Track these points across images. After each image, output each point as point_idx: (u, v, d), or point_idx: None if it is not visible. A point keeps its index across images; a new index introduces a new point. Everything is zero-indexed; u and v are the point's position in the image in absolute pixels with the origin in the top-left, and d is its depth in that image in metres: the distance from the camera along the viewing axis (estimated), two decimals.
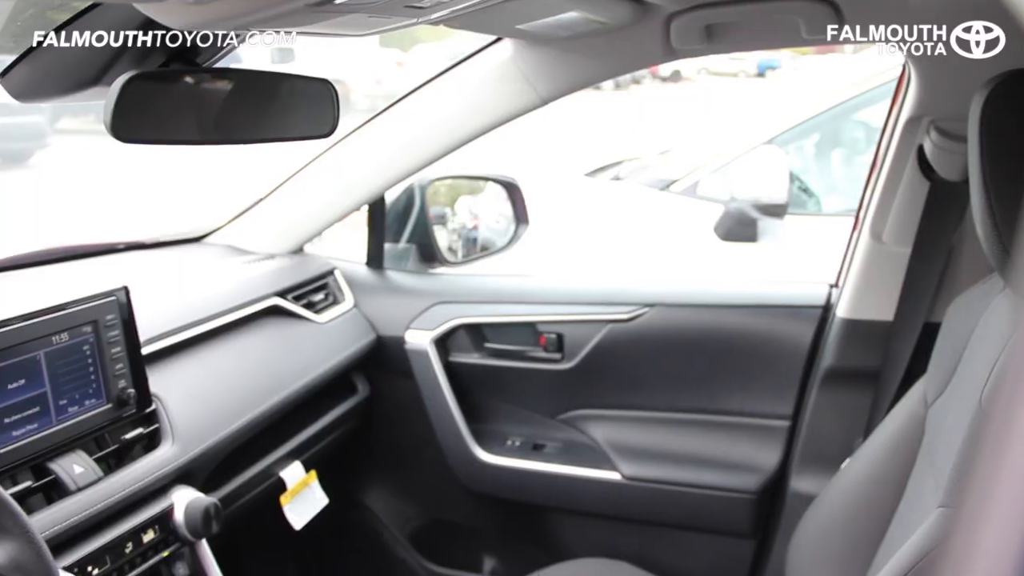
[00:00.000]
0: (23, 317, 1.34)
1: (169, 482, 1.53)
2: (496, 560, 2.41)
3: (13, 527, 1.02)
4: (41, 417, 1.36)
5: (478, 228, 2.66)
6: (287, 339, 2.03)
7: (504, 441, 2.26)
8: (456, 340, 2.26)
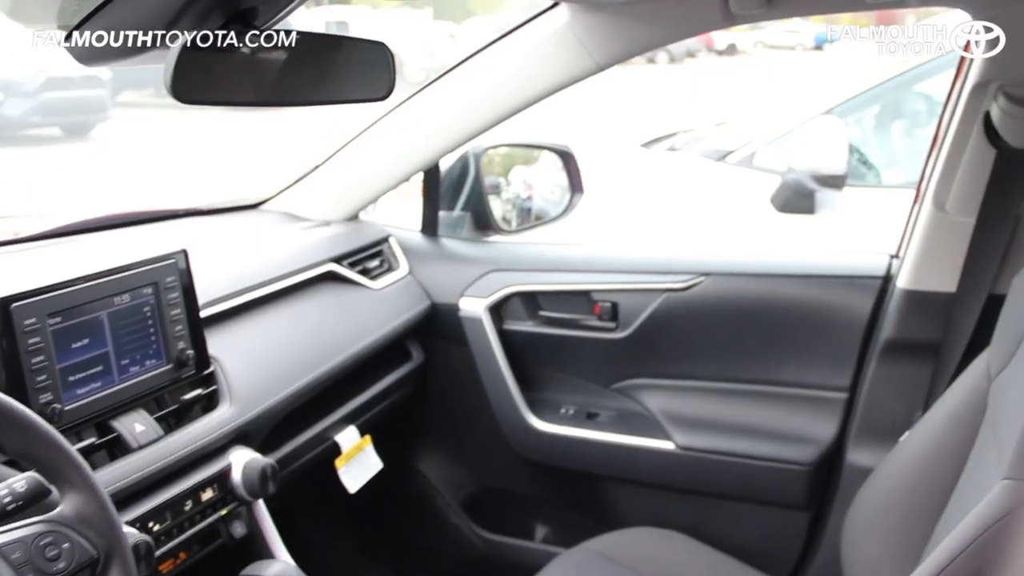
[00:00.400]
0: (86, 278, 1.37)
1: (227, 442, 1.56)
2: (548, 528, 2.42)
3: (78, 480, 1.04)
4: (104, 376, 1.39)
5: (532, 198, 2.65)
6: (342, 305, 2.05)
7: (558, 409, 2.26)
8: (510, 308, 2.26)
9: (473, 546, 2.43)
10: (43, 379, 1.28)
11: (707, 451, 2.11)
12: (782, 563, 2.12)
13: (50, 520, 1.01)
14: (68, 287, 1.34)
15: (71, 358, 1.34)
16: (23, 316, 1.26)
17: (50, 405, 1.28)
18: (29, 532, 0.99)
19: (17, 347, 1.25)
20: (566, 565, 1.91)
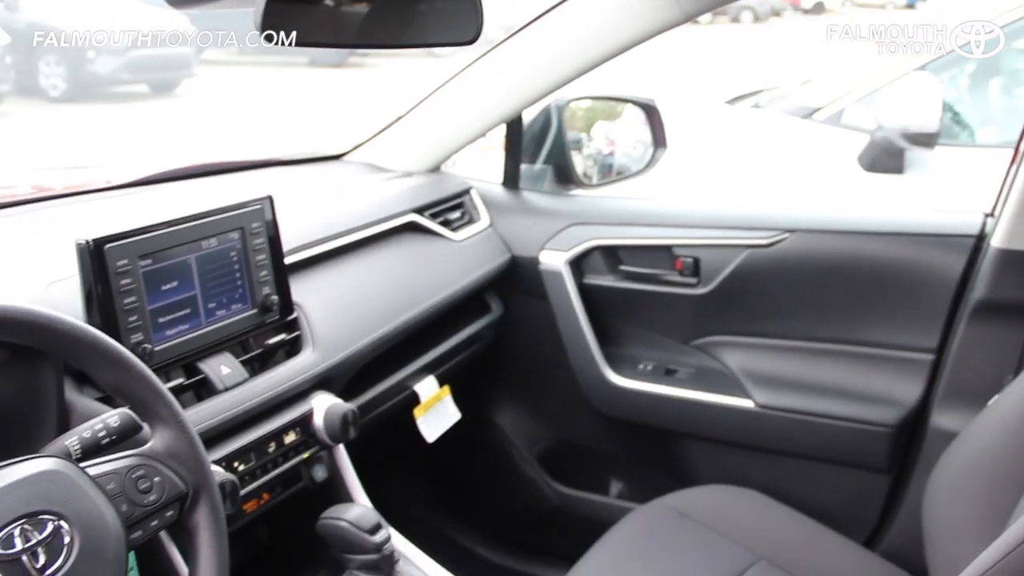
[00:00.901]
0: (175, 222, 1.39)
1: (309, 387, 1.58)
2: (623, 484, 2.42)
3: (168, 417, 1.07)
4: (192, 319, 1.42)
5: (614, 154, 2.62)
6: (423, 255, 2.06)
7: (636, 365, 2.25)
8: (590, 262, 2.24)
9: (548, 500, 2.44)
10: (134, 320, 1.32)
11: (787, 410, 2.08)
12: (861, 525, 2.08)
13: (142, 454, 1.04)
14: (158, 230, 1.36)
15: (161, 300, 1.37)
16: (115, 257, 1.29)
17: (141, 345, 1.31)
18: (122, 465, 1.02)
19: (110, 288, 1.28)
20: (640, 520, 1.91)
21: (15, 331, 0.97)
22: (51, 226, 1.62)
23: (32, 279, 1.34)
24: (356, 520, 1.43)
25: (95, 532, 0.92)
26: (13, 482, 0.90)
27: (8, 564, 0.85)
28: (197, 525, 1.07)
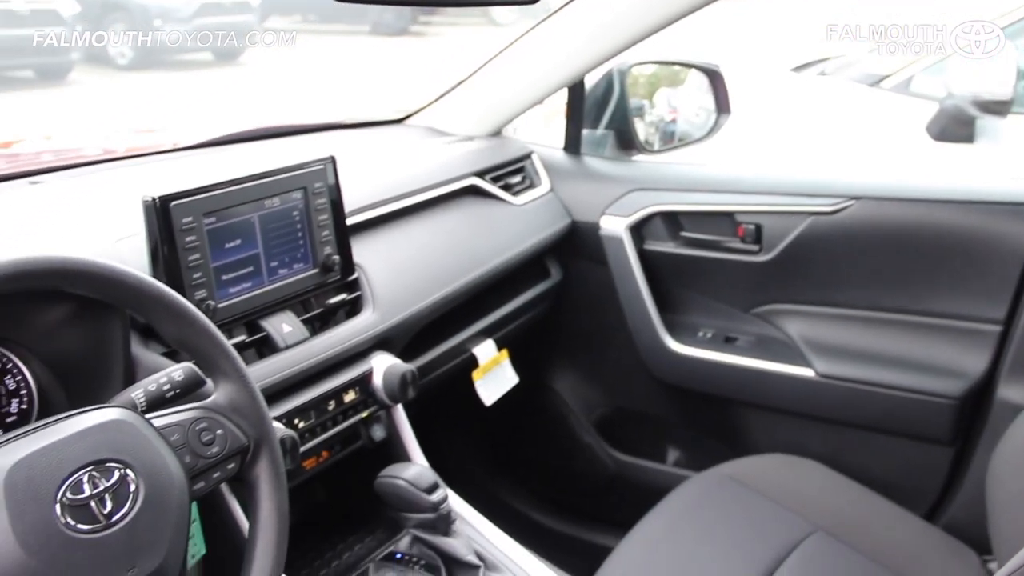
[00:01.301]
0: (239, 180, 1.41)
1: (369, 347, 1.60)
2: (680, 452, 2.41)
3: (231, 371, 1.08)
4: (254, 277, 1.43)
5: (676, 121, 2.60)
6: (484, 219, 2.06)
7: (695, 332, 2.23)
8: (651, 228, 2.22)
9: (605, 466, 2.44)
10: (198, 276, 1.33)
11: (848, 380, 2.04)
12: (922, 498, 2.06)
13: (205, 407, 1.06)
14: (222, 188, 1.38)
15: (224, 257, 1.38)
16: (181, 215, 1.31)
17: (205, 301, 1.33)
18: (186, 417, 1.04)
19: (175, 244, 1.30)
20: (696, 487, 1.90)
21: (83, 283, 0.99)
22: (119, 186, 1.65)
23: (100, 236, 1.36)
24: (413, 479, 1.45)
25: (159, 481, 0.94)
26: (82, 430, 0.92)
27: (77, 509, 0.87)
28: (258, 478, 1.09)
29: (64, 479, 0.88)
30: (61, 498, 0.87)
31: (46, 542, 0.85)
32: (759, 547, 1.70)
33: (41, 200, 1.63)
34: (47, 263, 0.95)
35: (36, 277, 0.94)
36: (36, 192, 1.66)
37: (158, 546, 0.92)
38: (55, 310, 1.20)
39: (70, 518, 0.87)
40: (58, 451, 0.89)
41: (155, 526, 0.92)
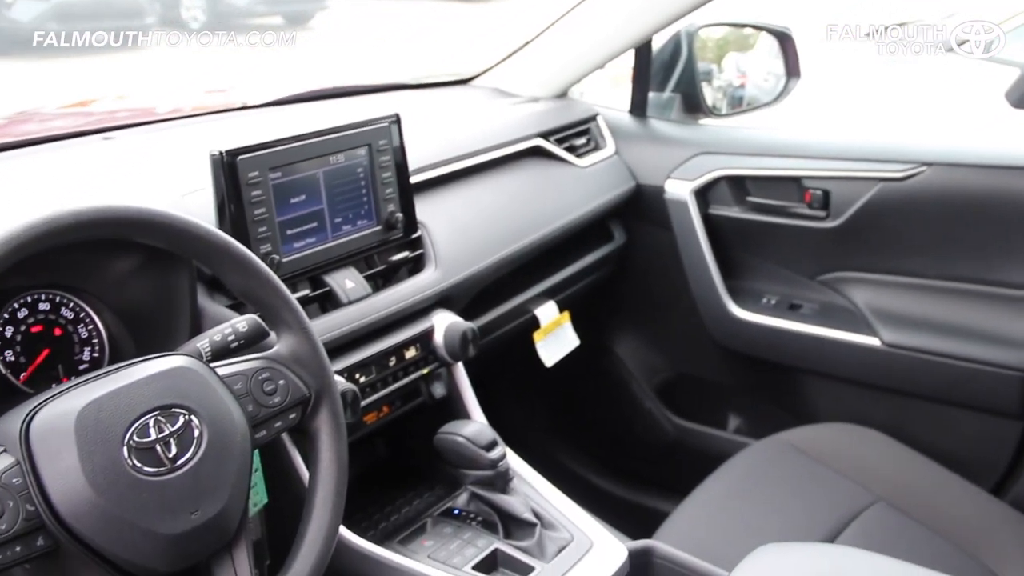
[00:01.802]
0: (304, 136, 1.42)
1: (431, 305, 1.60)
2: (741, 419, 2.40)
3: (294, 323, 1.10)
4: (318, 232, 1.45)
5: (745, 86, 2.56)
6: (547, 180, 2.05)
7: (759, 298, 2.20)
8: (716, 192, 2.19)
9: (664, 431, 2.44)
10: (264, 231, 1.35)
11: (915, 349, 2.00)
12: (988, 471, 2.01)
13: (268, 358, 1.07)
14: (287, 144, 1.39)
15: (289, 212, 1.40)
16: (247, 169, 1.33)
17: (269, 255, 1.35)
18: (249, 367, 1.05)
19: (241, 198, 1.32)
20: (756, 454, 1.89)
21: (152, 233, 1.00)
22: (188, 142, 1.67)
23: (168, 190, 1.39)
24: (473, 436, 1.46)
25: (223, 427, 0.96)
26: (149, 375, 0.95)
27: (143, 452, 0.90)
28: (318, 429, 1.11)
29: (131, 422, 0.90)
30: (128, 440, 0.89)
31: (114, 482, 0.87)
32: (819, 515, 1.69)
33: (112, 154, 1.67)
34: (117, 212, 0.97)
35: (107, 226, 0.96)
36: (108, 147, 1.70)
37: (220, 491, 0.94)
38: (125, 261, 1.23)
39: (137, 460, 0.89)
40: (126, 395, 0.92)
41: (218, 472, 0.94)
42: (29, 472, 0.86)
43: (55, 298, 1.24)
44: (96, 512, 0.86)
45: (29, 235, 0.90)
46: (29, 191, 1.44)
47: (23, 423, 0.89)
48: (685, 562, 1.36)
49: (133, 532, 0.87)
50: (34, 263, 1.09)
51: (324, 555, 1.07)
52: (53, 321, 1.24)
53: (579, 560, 1.36)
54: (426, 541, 1.44)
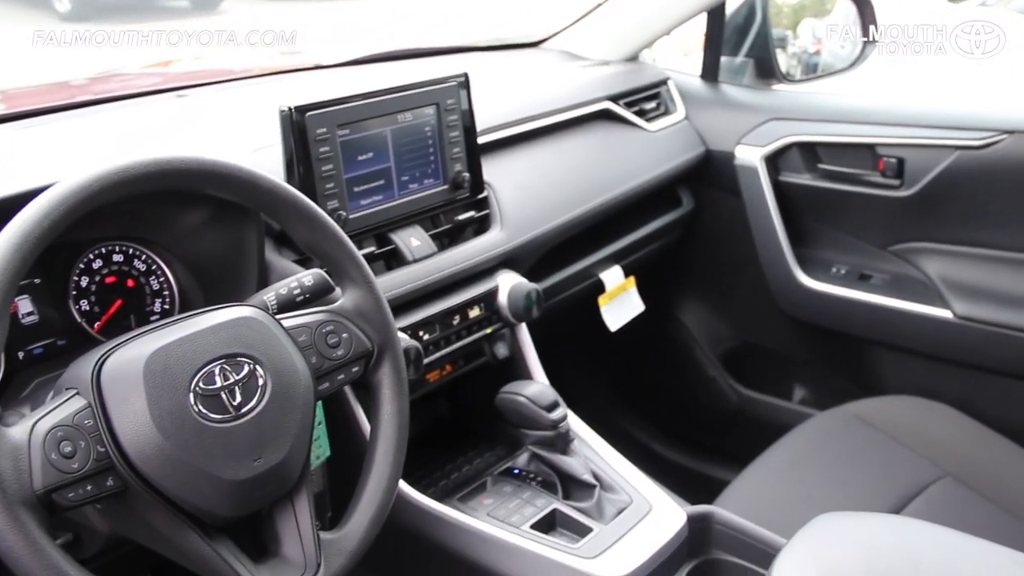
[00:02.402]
0: (373, 94, 1.42)
1: (495, 265, 1.61)
2: (806, 390, 2.37)
3: (359, 277, 1.11)
4: (385, 190, 1.46)
5: (820, 53, 2.51)
6: (616, 144, 2.03)
7: (828, 268, 2.16)
8: (788, 159, 2.16)
9: (728, 400, 2.42)
10: (331, 187, 1.36)
11: (988, 323, 1.95)
12: None
13: (332, 311, 1.09)
14: (356, 101, 1.40)
15: (356, 169, 1.41)
16: (315, 125, 1.34)
17: (336, 211, 1.36)
18: (313, 320, 1.07)
19: (309, 154, 1.33)
20: (820, 425, 1.87)
21: (220, 185, 1.02)
22: (259, 100, 1.69)
23: (239, 145, 1.41)
24: (534, 396, 1.46)
25: (286, 377, 0.98)
26: (216, 324, 0.96)
27: (209, 399, 0.91)
28: (380, 383, 1.12)
29: (198, 369, 0.92)
30: (194, 387, 0.91)
31: (180, 427, 0.89)
32: (883, 488, 1.67)
33: (185, 111, 1.70)
34: (188, 163, 0.99)
35: (177, 177, 0.98)
36: (182, 104, 1.73)
37: (283, 440, 0.96)
38: (195, 214, 1.25)
39: (202, 407, 0.91)
40: (193, 343, 0.94)
41: (281, 421, 0.96)
42: (100, 415, 0.89)
43: (128, 250, 1.27)
44: (162, 455, 0.88)
45: (102, 184, 0.92)
46: (105, 145, 1.47)
47: (95, 367, 0.91)
48: (744, 528, 1.35)
49: (197, 476, 0.90)
50: (108, 215, 1.11)
51: (383, 507, 1.08)
52: (126, 272, 1.27)
53: (638, 523, 1.36)
54: (485, 499, 1.45)
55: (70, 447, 0.86)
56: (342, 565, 1.02)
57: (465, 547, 1.34)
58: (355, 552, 1.04)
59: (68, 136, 1.51)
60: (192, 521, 0.92)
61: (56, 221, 0.89)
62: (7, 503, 0.80)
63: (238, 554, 0.95)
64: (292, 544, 0.99)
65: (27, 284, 1.18)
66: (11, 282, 0.85)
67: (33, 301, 1.19)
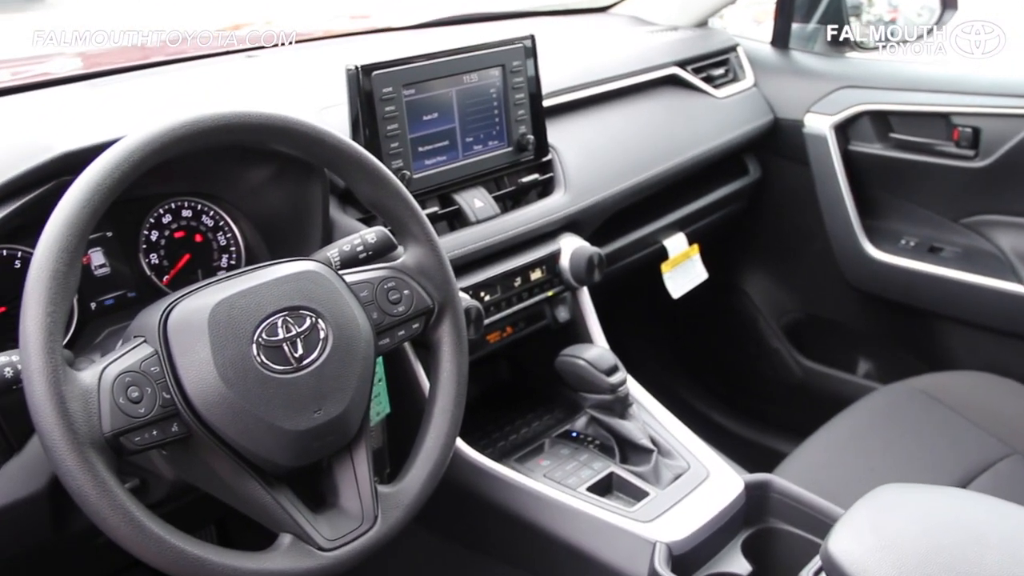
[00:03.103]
0: (439, 54, 1.43)
1: (558, 228, 1.60)
2: (872, 363, 2.33)
3: (421, 235, 1.12)
4: (449, 151, 1.46)
5: (896, 20, 2.44)
6: (682, 110, 2.01)
7: (898, 240, 2.12)
8: (858, 128, 2.11)
9: (791, 372, 2.40)
10: (396, 146, 1.37)
11: None
12: None
13: (393, 267, 1.10)
14: (422, 61, 1.40)
15: (421, 129, 1.42)
16: (381, 84, 1.34)
17: (401, 171, 1.37)
18: (375, 276, 1.08)
19: (374, 113, 1.34)
20: (884, 398, 1.85)
21: (285, 139, 1.03)
22: (328, 61, 1.70)
23: (307, 104, 1.42)
24: (594, 360, 1.45)
25: (348, 331, 0.99)
26: (279, 277, 0.98)
27: (271, 349, 0.93)
28: (440, 340, 1.13)
29: (261, 320, 0.94)
30: (257, 338, 0.93)
31: (242, 376, 0.91)
32: (947, 463, 1.64)
33: (255, 71, 1.71)
34: (254, 117, 1.00)
35: (243, 130, 1.00)
36: (251, 64, 1.75)
37: (343, 392, 0.97)
38: (261, 170, 1.27)
39: (265, 357, 0.93)
40: (257, 294, 0.95)
41: (341, 374, 0.97)
42: (166, 362, 0.91)
43: (196, 206, 1.29)
44: (225, 403, 0.90)
45: (170, 137, 0.94)
46: (175, 102, 1.49)
47: (162, 316, 0.93)
48: (802, 498, 1.33)
49: (259, 425, 0.91)
50: (178, 171, 1.14)
51: (440, 463, 1.09)
52: (194, 228, 1.30)
53: (694, 489, 1.35)
54: (543, 461, 1.45)
55: (137, 392, 0.88)
56: (398, 518, 1.04)
57: (520, 507, 1.34)
58: (411, 506, 1.06)
59: (141, 93, 1.54)
60: (253, 469, 0.94)
61: (126, 172, 0.91)
62: (77, 444, 0.83)
63: (297, 503, 0.97)
64: (350, 496, 1.01)
65: (99, 237, 1.21)
66: (84, 230, 0.87)
67: (105, 254, 1.22)
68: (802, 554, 1.22)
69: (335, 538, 0.97)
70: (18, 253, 1.12)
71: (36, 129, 1.26)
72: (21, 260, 1.12)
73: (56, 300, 0.85)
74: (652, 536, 1.25)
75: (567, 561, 1.31)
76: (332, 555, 0.97)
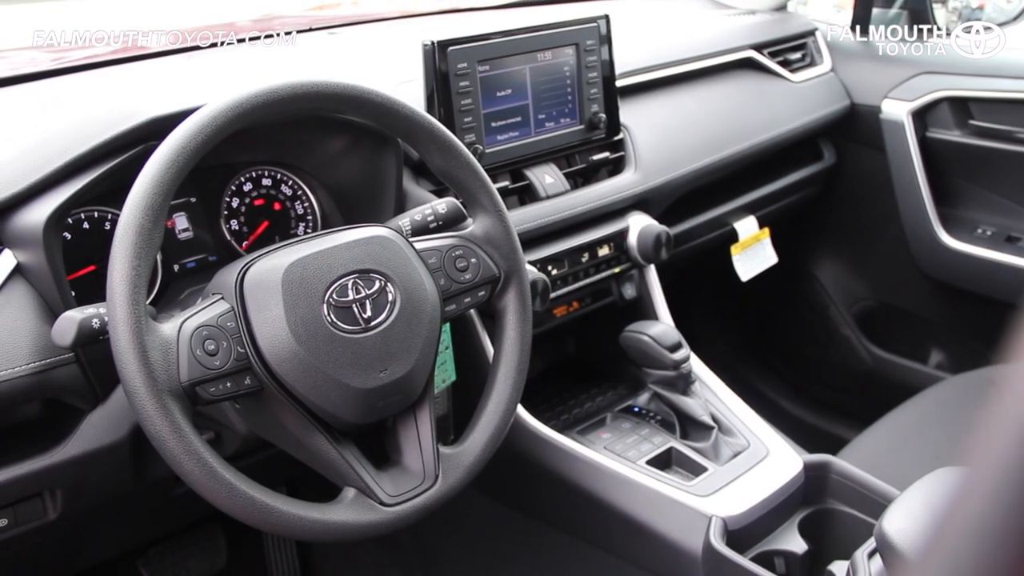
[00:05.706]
0: (513, 31, 1.45)
1: (627, 206, 1.62)
2: (944, 354, 2.30)
3: (489, 205, 1.15)
4: (522, 127, 1.49)
5: (984, 7, 2.40)
6: (757, 93, 2.01)
7: (973, 229, 2.09)
8: (937, 114, 2.08)
9: (861, 360, 2.38)
10: (469, 121, 1.41)
11: None
12: None
13: (462, 236, 1.13)
14: (497, 38, 1.43)
15: (494, 105, 1.45)
16: (456, 60, 1.38)
17: (473, 145, 1.40)
18: (444, 243, 1.12)
19: (449, 88, 1.38)
20: (953, 388, 1.83)
21: (361, 109, 1.07)
22: (409, 39, 1.74)
23: (385, 79, 1.46)
24: (658, 336, 1.47)
25: (415, 296, 1.03)
26: (351, 241, 1.02)
27: (341, 310, 0.97)
28: (505, 308, 1.16)
29: (332, 281, 0.98)
30: (328, 298, 0.97)
31: (313, 335, 0.95)
32: None
33: (336, 47, 1.76)
34: (331, 86, 1.04)
35: (320, 99, 1.04)
36: (333, 41, 1.80)
37: (409, 355, 1.01)
38: (336, 141, 1.31)
39: (335, 317, 0.97)
40: (329, 256, 0.99)
41: (407, 336, 1.01)
42: (241, 318, 0.95)
43: (276, 175, 1.34)
44: (296, 360, 0.94)
45: (251, 103, 0.98)
46: (258, 73, 1.54)
47: (238, 275, 0.98)
48: (862, 480, 1.34)
49: (327, 382, 0.96)
50: (258, 140, 1.18)
51: (501, 428, 1.13)
52: (274, 196, 1.35)
53: (753, 466, 1.37)
54: (604, 433, 1.48)
55: (213, 345, 0.93)
56: (459, 479, 1.07)
57: (579, 477, 1.37)
58: (472, 467, 1.09)
59: (227, 67, 1.59)
60: (321, 424, 0.98)
61: (210, 136, 0.95)
62: (156, 391, 0.88)
63: (362, 459, 1.01)
64: (413, 455, 1.05)
65: (184, 202, 1.27)
66: (168, 190, 0.92)
67: (188, 218, 1.28)
68: (859, 535, 1.23)
69: (397, 494, 1.01)
70: (108, 215, 1.18)
71: (126, 98, 1.33)
72: (111, 222, 1.18)
73: (141, 255, 0.90)
74: (708, 510, 1.27)
75: (623, 532, 1.34)
76: (393, 511, 1.01)
